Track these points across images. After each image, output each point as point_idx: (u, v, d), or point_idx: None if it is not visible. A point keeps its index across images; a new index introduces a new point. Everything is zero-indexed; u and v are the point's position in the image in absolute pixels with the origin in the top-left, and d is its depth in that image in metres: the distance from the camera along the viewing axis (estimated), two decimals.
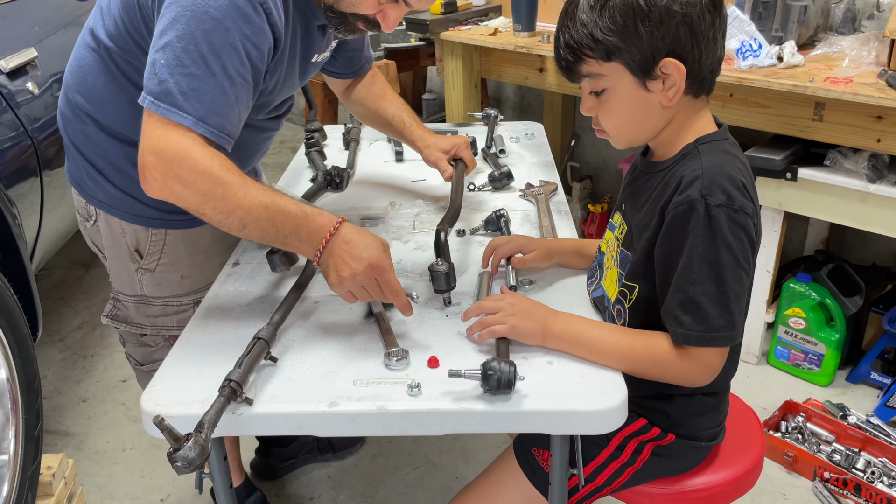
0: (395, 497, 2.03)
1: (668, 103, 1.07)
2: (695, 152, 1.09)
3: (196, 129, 1.11)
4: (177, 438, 0.89)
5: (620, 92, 1.08)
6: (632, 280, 1.15)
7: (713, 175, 1.03)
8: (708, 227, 1.02)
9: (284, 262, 1.28)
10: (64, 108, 1.40)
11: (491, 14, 3.03)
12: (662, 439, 1.18)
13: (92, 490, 2.09)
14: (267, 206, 1.13)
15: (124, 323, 1.53)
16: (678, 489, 1.21)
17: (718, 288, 1.04)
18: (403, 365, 1.09)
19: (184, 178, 1.11)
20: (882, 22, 2.16)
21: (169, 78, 1.09)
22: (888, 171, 2.04)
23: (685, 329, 1.05)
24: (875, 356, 2.33)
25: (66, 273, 3.26)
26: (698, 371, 1.08)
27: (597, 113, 1.13)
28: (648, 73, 1.05)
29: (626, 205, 1.21)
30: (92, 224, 1.45)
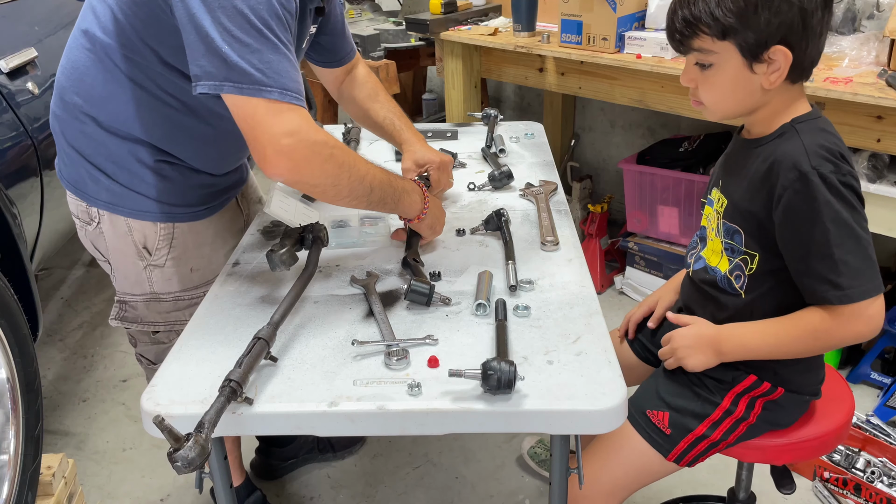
0: (395, 497, 2.03)
1: (769, 86, 1.15)
2: (792, 131, 1.17)
3: (283, 99, 1.12)
4: (177, 438, 0.89)
5: (727, 69, 1.15)
6: (751, 248, 1.23)
7: (816, 150, 1.13)
8: (828, 194, 1.11)
9: (284, 261, 1.28)
10: (59, 111, 1.39)
11: (491, 14, 3.03)
12: (772, 394, 1.27)
13: (92, 490, 2.09)
14: (380, 171, 1.29)
15: (135, 323, 1.52)
16: (786, 441, 1.31)
17: (857, 244, 1.12)
18: (403, 365, 1.09)
19: (323, 154, 1.17)
20: (882, 22, 2.16)
21: (240, 60, 1.10)
22: (888, 171, 2.05)
23: (844, 290, 1.12)
24: (875, 356, 2.33)
25: (66, 273, 3.26)
26: (864, 325, 1.14)
27: (697, 84, 1.20)
28: (757, 56, 1.12)
29: (724, 180, 1.29)
30: (94, 227, 1.44)
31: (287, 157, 1.13)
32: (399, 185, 1.33)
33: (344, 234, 1.49)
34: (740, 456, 1.37)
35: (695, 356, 1.26)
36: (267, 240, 1.51)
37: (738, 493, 1.60)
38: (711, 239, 1.31)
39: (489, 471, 2.10)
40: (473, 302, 1.23)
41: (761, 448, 1.33)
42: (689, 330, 1.30)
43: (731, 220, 1.25)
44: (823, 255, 1.13)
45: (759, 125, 1.23)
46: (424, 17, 2.94)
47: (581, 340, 1.14)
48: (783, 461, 1.37)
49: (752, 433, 1.31)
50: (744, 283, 1.25)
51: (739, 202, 1.24)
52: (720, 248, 1.28)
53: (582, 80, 2.58)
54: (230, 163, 1.50)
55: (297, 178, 1.17)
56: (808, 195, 1.12)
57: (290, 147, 1.13)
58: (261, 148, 1.14)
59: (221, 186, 1.50)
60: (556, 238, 1.45)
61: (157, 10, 1.21)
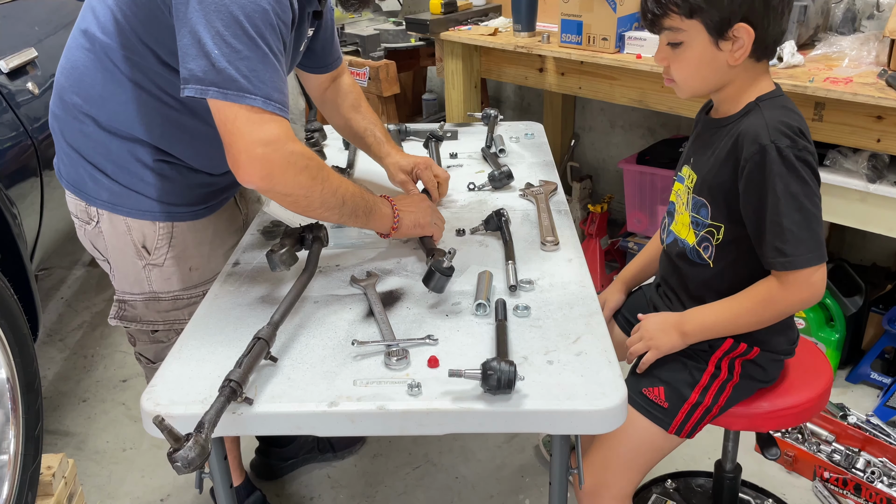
0: (395, 497, 2.03)
1: (733, 63, 1.24)
2: (756, 109, 1.27)
3: (265, 108, 1.14)
4: (177, 438, 0.89)
5: (695, 47, 1.25)
6: (717, 220, 1.32)
7: (776, 125, 1.22)
8: (782, 166, 1.20)
9: (284, 261, 1.28)
10: (58, 111, 1.39)
11: (491, 14, 3.02)
12: (749, 354, 1.37)
13: (92, 490, 2.09)
14: (352, 185, 1.31)
15: (134, 322, 1.53)
16: (770, 409, 1.43)
17: (803, 216, 1.21)
18: (403, 365, 1.09)
19: (298, 164, 1.18)
20: (882, 22, 2.16)
21: (228, 66, 1.11)
22: (888, 171, 2.04)
23: (788, 256, 1.22)
24: (875, 356, 2.33)
25: (66, 273, 3.26)
26: (807, 292, 1.25)
27: (669, 63, 1.30)
28: (722, 33, 1.22)
29: (694, 158, 1.39)
30: (93, 226, 1.44)
31: (260, 165, 1.14)
32: (370, 199, 1.34)
33: (344, 234, 1.49)
34: (729, 425, 1.46)
35: (662, 339, 1.36)
36: (267, 240, 1.51)
37: (725, 464, 1.69)
38: (681, 213, 1.41)
39: (489, 471, 2.10)
40: (473, 302, 1.23)
41: (748, 416, 1.42)
42: (655, 316, 1.41)
43: (700, 194, 1.35)
44: (773, 223, 1.22)
45: (727, 103, 1.32)
46: (424, 17, 2.94)
47: (581, 340, 1.14)
48: (768, 428, 1.49)
49: (739, 394, 1.40)
50: (712, 254, 1.35)
51: (707, 177, 1.33)
52: (688, 221, 1.38)
53: (582, 80, 2.58)
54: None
55: (269, 186, 1.18)
56: (764, 166, 1.21)
57: (264, 156, 1.14)
58: (235, 153, 1.15)
59: (220, 186, 1.50)
60: (556, 238, 1.45)
61: (157, 10, 1.21)
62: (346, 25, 3.42)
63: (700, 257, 1.37)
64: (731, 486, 1.71)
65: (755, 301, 1.29)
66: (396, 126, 2.07)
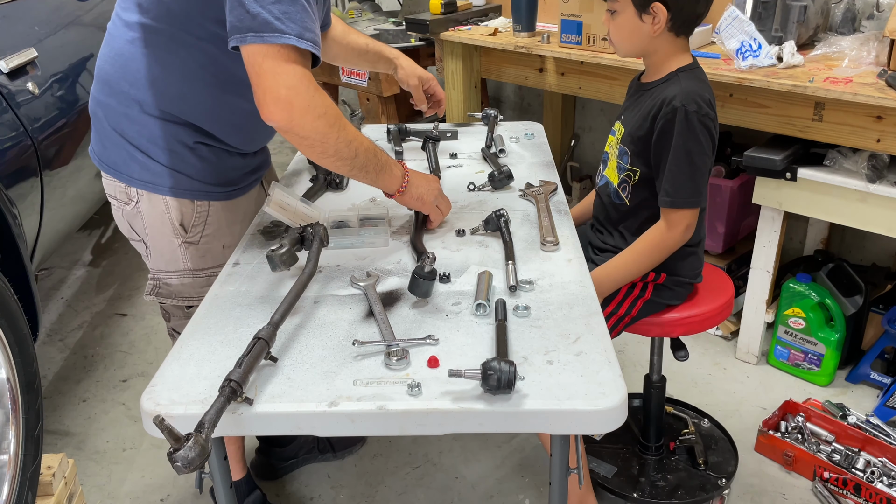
0: (395, 497, 2.03)
1: (653, 34, 1.56)
2: (676, 78, 1.58)
3: (300, 45, 1.20)
4: (177, 438, 0.89)
5: (625, 16, 1.57)
6: (635, 165, 1.65)
7: (688, 93, 1.53)
8: (685, 125, 1.52)
9: (284, 262, 1.28)
10: (102, 97, 1.47)
11: (491, 14, 3.03)
12: (658, 279, 1.68)
13: (92, 490, 2.09)
14: (368, 141, 1.37)
15: (170, 298, 1.60)
16: (678, 316, 1.73)
17: (690, 168, 1.54)
18: (403, 365, 1.09)
19: (317, 110, 1.24)
20: (882, 22, 2.16)
21: (261, 10, 1.18)
22: (888, 171, 2.04)
23: (671, 197, 1.56)
24: (875, 356, 2.33)
25: (66, 273, 3.26)
26: (681, 231, 1.59)
27: (609, 26, 1.62)
28: (644, 8, 1.53)
29: (625, 115, 1.70)
30: (132, 206, 1.51)
31: (283, 106, 1.21)
32: (382, 158, 1.41)
33: (344, 234, 1.49)
34: (646, 332, 1.76)
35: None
36: (267, 240, 1.51)
37: (652, 375, 1.94)
38: (611, 159, 1.71)
39: (489, 471, 2.10)
40: (473, 302, 1.23)
41: (660, 324, 1.72)
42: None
43: (624, 144, 1.67)
44: (669, 170, 1.55)
45: (652, 69, 1.64)
46: (424, 17, 2.94)
47: (581, 340, 1.14)
48: (677, 333, 1.76)
49: (650, 309, 1.70)
50: (629, 194, 1.67)
51: (632, 130, 1.65)
52: (615, 166, 1.70)
53: (582, 80, 2.58)
54: (262, 138, 1.59)
55: (289, 127, 1.24)
56: (672, 123, 1.53)
57: (287, 98, 1.21)
58: (261, 93, 1.22)
59: (251, 167, 1.58)
60: (556, 238, 1.45)
61: None
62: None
63: (619, 197, 1.69)
64: (658, 394, 1.95)
65: (646, 245, 1.61)
66: (396, 126, 2.07)
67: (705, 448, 2.01)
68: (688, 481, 1.94)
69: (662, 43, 1.58)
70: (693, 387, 2.40)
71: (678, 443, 2.02)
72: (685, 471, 1.97)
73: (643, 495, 1.90)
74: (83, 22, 2.60)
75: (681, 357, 1.81)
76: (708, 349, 2.59)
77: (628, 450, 2.03)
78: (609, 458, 2.00)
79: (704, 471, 1.95)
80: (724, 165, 2.68)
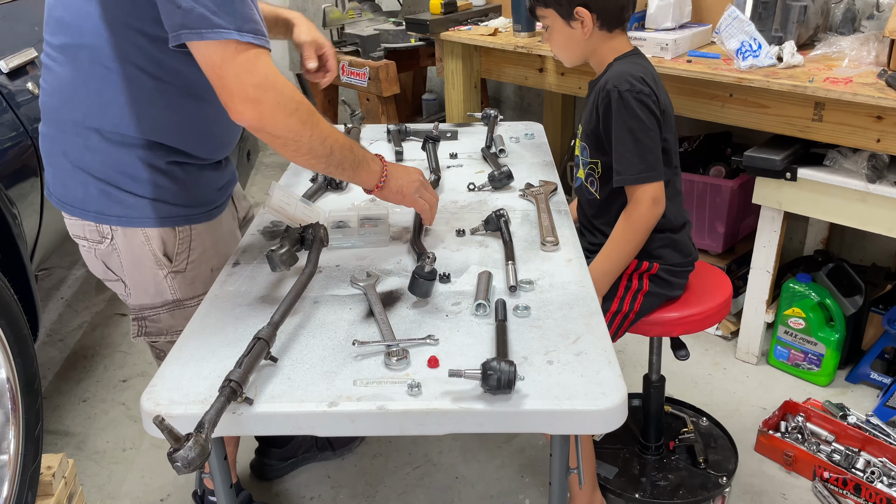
0: (395, 497, 2.03)
1: (585, 36, 1.61)
2: (611, 66, 1.63)
3: (242, 39, 1.14)
4: (177, 438, 0.89)
5: (556, 28, 1.64)
6: (594, 157, 1.70)
7: (621, 75, 1.58)
8: (620, 105, 1.56)
9: (284, 262, 1.28)
10: (53, 133, 1.36)
11: (491, 14, 3.03)
12: (651, 269, 1.69)
13: (92, 490, 2.09)
14: (343, 137, 1.32)
15: (161, 335, 1.51)
16: (678, 316, 1.73)
17: (634, 145, 1.57)
18: (403, 365, 1.09)
19: (288, 107, 1.19)
20: (882, 22, 2.16)
21: (195, 5, 1.12)
22: (888, 171, 2.04)
23: (622, 175, 1.59)
24: (875, 356, 2.33)
25: (66, 273, 3.26)
26: (648, 205, 1.59)
27: (548, 41, 1.69)
28: (570, 16, 1.60)
29: (583, 115, 1.74)
30: (107, 245, 1.41)
31: (251, 106, 1.17)
32: (359, 154, 1.36)
33: (344, 234, 1.49)
34: (646, 332, 1.76)
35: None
36: (267, 240, 1.51)
37: (651, 375, 1.94)
38: (582, 159, 1.75)
39: (489, 471, 2.10)
40: (473, 302, 1.23)
41: (661, 323, 1.73)
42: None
43: (583, 140, 1.73)
44: (615, 151, 1.59)
45: (598, 67, 1.68)
46: (424, 17, 2.94)
47: (581, 340, 1.14)
48: (677, 333, 1.77)
49: (651, 303, 1.71)
50: (597, 188, 1.71)
51: (585, 125, 1.71)
52: (581, 162, 1.75)
53: (582, 80, 2.58)
54: (229, 140, 1.49)
55: (260, 126, 1.19)
56: (609, 107, 1.57)
57: (256, 97, 1.16)
58: (227, 95, 1.17)
59: (223, 182, 1.50)
60: (556, 238, 1.45)
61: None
62: (347, 25, 3.43)
63: (590, 192, 1.73)
64: (657, 394, 1.96)
65: (624, 230, 1.62)
66: (396, 126, 2.07)
67: (705, 447, 2.02)
68: (689, 480, 1.94)
69: (598, 42, 1.63)
70: (693, 387, 2.40)
71: (678, 442, 2.02)
72: (686, 470, 1.97)
73: (645, 495, 1.90)
74: None
75: (681, 356, 1.82)
76: (708, 349, 2.59)
77: (628, 450, 2.03)
78: (609, 458, 2.00)
79: (705, 469, 1.96)
80: (724, 165, 2.68)
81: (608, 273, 1.64)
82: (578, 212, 1.84)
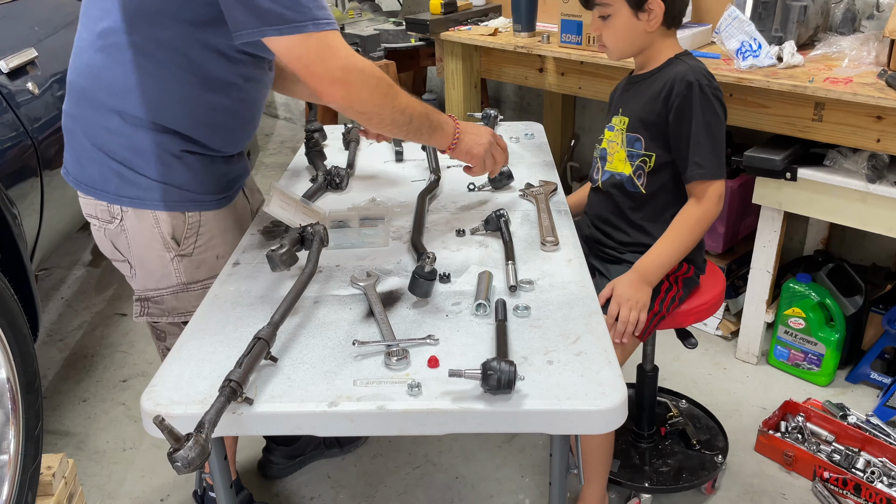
0: (395, 497, 2.03)
1: (650, 29, 1.61)
2: (679, 60, 1.64)
3: (317, 29, 1.24)
4: (177, 438, 0.89)
5: (620, 18, 1.60)
6: (650, 150, 1.66)
7: (697, 70, 1.60)
8: (701, 98, 1.57)
9: (284, 262, 1.28)
10: (76, 111, 1.42)
11: (491, 14, 3.03)
12: (688, 272, 1.74)
13: (92, 490, 2.09)
14: (418, 103, 1.42)
15: (164, 316, 1.55)
16: (685, 308, 1.76)
17: (712, 140, 1.58)
18: (403, 365, 1.09)
19: (370, 83, 1.30)
20: (882, 22, 2.16)
21: (272, 4, 1.20)
22: (888, 171, 2.04)
23: (703, 168, 1.59)
24: (875, 356, 2.33)
25: (66, 273, 3.26)
26: (715, 202, 1.61)
27: (601, 32, 1.65)
28: (640, 7, 1.58)
29: (623, 107, 1.72)
30: (116, 225, 1.46)
31: (342, 87, 1.27)
32: (434, 118, 1.46)
33: (344, 234, 1.49)
34: (667, 325, 1.77)
35: (639, 296, 1.60)
36: (267, 240, 1.52)
37: (646, 365, 1.99)
38: (616, 152, 1.72)
39: (489, 471, 2.10)
40: (473, 302, 1.23)
41: (672, 316, 1.74)
42: (619, 281, 1.62)
43: (633, 131, 1.68)
44: (694, 142, 1.58)
45: (648, 62, 1.68)
46: (424, 17, 2.94)
47: (581, 340, 1.14)
48: (687, 323, 1.80)
49: (678, 304, 1.73)
50: (644, 182, 1.68)
51: (641, 115, 1.67)
52: (624, 156, 1.70)
53: (582, 80, 2.58)
54: (244, 136, 1.55)
55: (349, 104, 1.31)
56: (690, 99, 1.57)
57: (343, 78, 1.27)
58: (317, 81, 1.27)
59: (235, 174, 1.55)
60: (556, 238, 1.45)
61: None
62: (346, 25, 3.42)
63: (634, 186, 1.69)
64: (651, 383, 2.00)
65: (686, 223, 1.62)
66: None
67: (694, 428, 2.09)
68: (687, 463, 1.99)
69: (656, 37, 1.63)
70: (693, 387, 2.40)
71: (668, 427, 2.07)
72: (681, 453, 2.02)
73: (653, 483, 1.94)
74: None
75: (691, 345, 1.85)
76: (708, 349, 2.59)
77: (623, 439, 2.06)
78: None
79: (699, 450, 2.02)
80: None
81: (664, 266, 1.63)
82: (599, 207, 1.80)
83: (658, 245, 1.63)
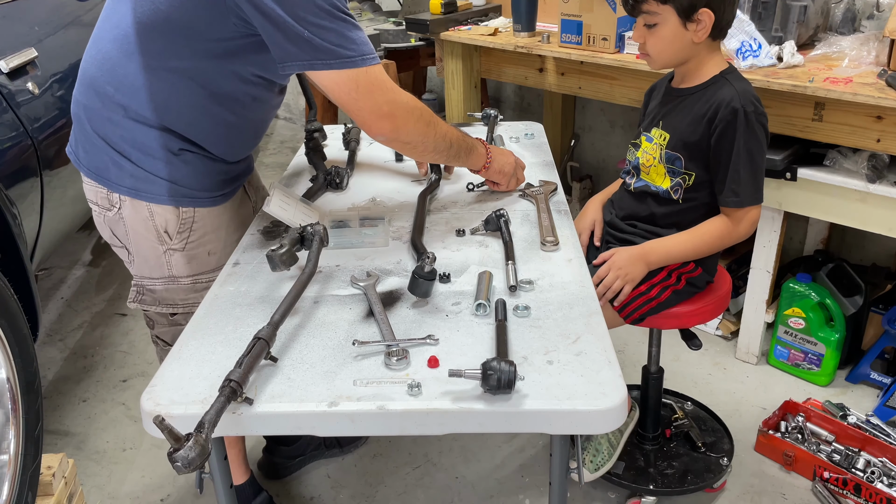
0: (395, 497, 2.03)
1: (697, 40, 1.57)
2: (724, 80, 1.60)
3: (364, 64, 1.29)
4: (177, 438, 0.89)
5: (667, 27, 1.56)
6: (689, 169, 1.66)
7: (745, 94, 1.57)
8: (745, 126, 1.55)
9: (284, 262, 1.28)
10: (85, 99, 1.45)
11: (491, 14, 3.03)
12: (694, 272, 1.72)
13: (92, 490, 2.09)
14: (453, 129, 1.52)
15: (154, 305, 1.58)
16: (689, 309, 1.76)
17: (752, 166, 1.58)
18: (403, 365, 1.09)
19: (414, 114, 1.38)
20: (882, 22, 2.16)
21: (322, 42, 1.25)
22: (888, 171, 2.04)
23: (739, 197, 1.60)
24: (875, 356, 2.33)
25: (66, 273, 3.26)
26: (749, 226, 1.64)
27: (645, 40, 1.60)
28: (689, 17, 1.53)
29: (664, 121, 1.70)
30: (114, 213, 1.49)
31: (388, 121, 1.34)
32: (469, 142, 1.55)
33: (344, 234, 1.49)
34: (661, 325, 1.79)
35: (632, 270, 1.65)
36: (267, 240, 1.51)
37: (651, 367, 1.98)
38: (654, 165, 1.72)
39: (489, 471, 2.10)
40: (473, 302, 1.23)
41: (676, 316, 1.75)
42: (622, 251, 1.67)
43: (674, 150, 1.67)
44: (733, 170, 1.58)
45: (690, 74, 1.65)
46: (424, 17, 2.94)
47: (581, 340, 1.14)
48: (691, 324, 1.80)
49: (674, 300, 1.72)
50: (681, 195, 1.69)
51: (683, 135, 1.65)
52: (663, 171, 1.70)
53: (582, 80, 2.58)
54: (245, 149, 1.58)
55: (396, 136, 1.38)
56: (734, 126, 1.55)
57: (390, 112, 1.34)
58: (364, 115, 1.33)
59: (234, 174, 1.56)
60: (556, 238, 1.45)
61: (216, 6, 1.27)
62: None
63: (670, 196, 1.71)
64: (656, 384, 2.00)
65: (711, 234, 1.64)
66: None
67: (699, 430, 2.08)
68: (693, 465, 1.99)
69: (702, 48, 1.59)
70: (693, 387, 2.40)
71: (673, 429, 2.07)
72: (687, 455, 2.02)
73: (658, 486, 1.94)
74: (83, 22, 2.60)
75: (695, 346, 1.86)
76: (708, 349, 2.59)
77: (628, 441, 2.05)
78: None
79: (705, 453, 2.02)
80: None
81: (670, 255, 1.66)
82: (630, 206, 1.79)
83: (675, 236, 1.67)
